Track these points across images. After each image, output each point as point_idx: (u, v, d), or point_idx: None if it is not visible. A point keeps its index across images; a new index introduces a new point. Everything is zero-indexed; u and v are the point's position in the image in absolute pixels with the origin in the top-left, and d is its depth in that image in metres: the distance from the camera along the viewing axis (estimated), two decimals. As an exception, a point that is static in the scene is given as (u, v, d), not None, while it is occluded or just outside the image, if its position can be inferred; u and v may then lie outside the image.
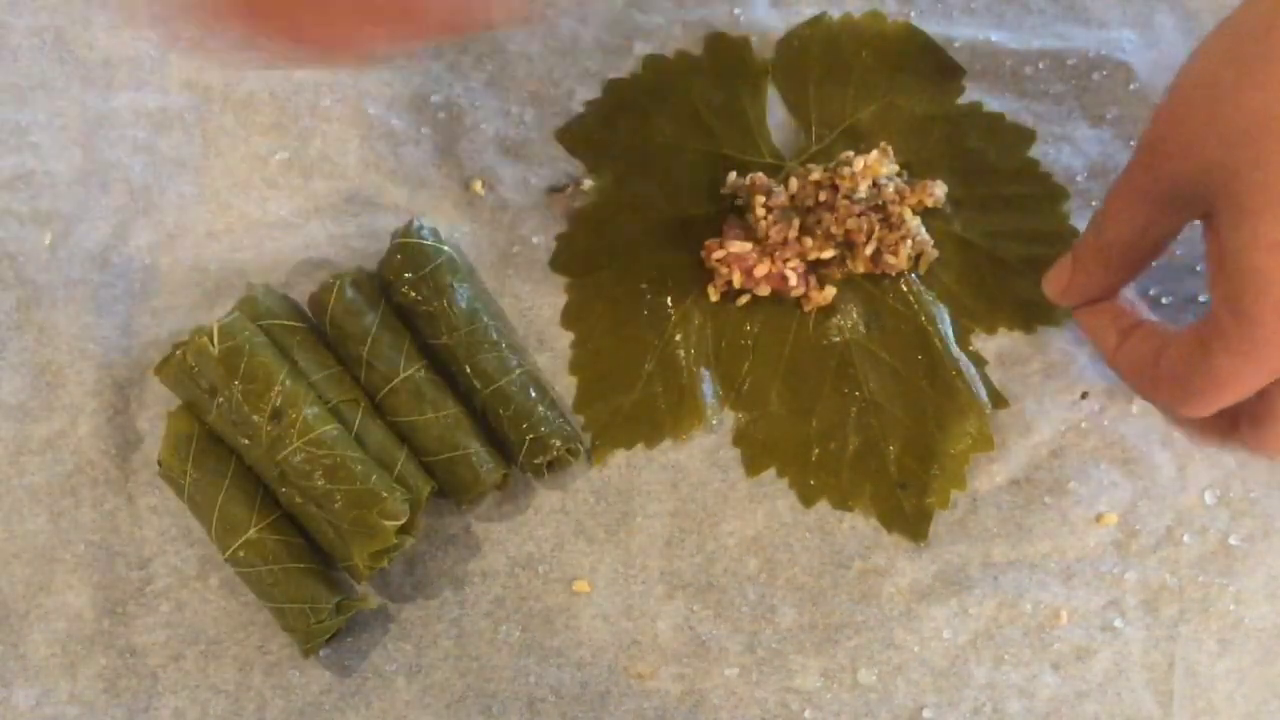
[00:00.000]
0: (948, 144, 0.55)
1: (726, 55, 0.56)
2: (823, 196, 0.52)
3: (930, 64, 0.55)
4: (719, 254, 0.52)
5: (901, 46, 0.55)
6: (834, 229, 0.52)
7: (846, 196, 0.52)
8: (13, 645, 0.51)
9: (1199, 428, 0.47)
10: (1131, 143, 0.56)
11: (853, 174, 0.52)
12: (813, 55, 0.55)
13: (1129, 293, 0.48)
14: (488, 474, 0.51)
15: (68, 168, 0.55)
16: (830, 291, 0.53)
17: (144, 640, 0.51)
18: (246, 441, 0.50)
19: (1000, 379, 0.53)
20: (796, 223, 0.52)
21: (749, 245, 0.52)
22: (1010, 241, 0.54)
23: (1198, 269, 0.53)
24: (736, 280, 0.52)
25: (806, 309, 0.53)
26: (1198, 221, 0.43)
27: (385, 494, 0.48)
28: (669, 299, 0.54)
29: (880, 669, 0.51)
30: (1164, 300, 0.53)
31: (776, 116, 0.55)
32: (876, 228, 0.52)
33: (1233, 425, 0.45)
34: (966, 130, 0.55)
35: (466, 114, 0.56)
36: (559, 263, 0.54)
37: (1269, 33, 0.38)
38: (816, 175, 0.53)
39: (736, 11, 0.56)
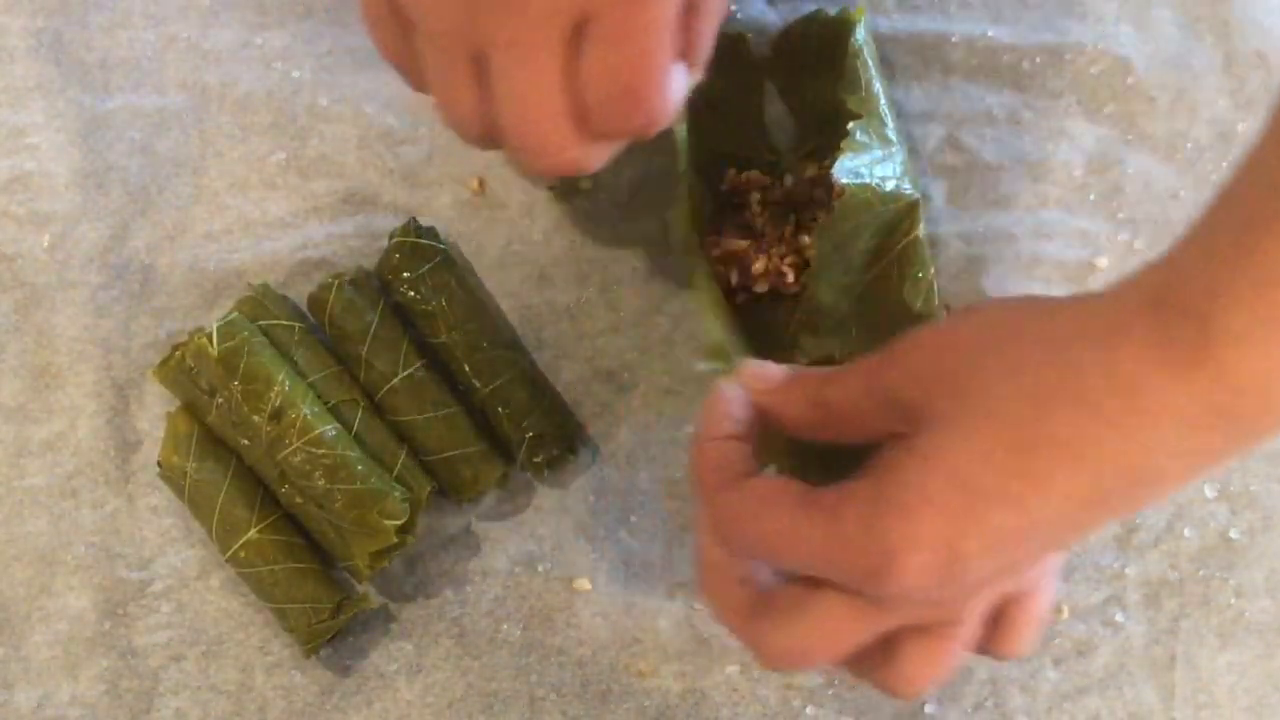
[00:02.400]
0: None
1: (723, 51, 0.56)
2: (818, 193, 0.52)
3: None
4: (716, 251, 0.52)
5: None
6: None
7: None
8: (14, 647, 0.51)
9: (725, 594, 0.43)
10: (1129, 138, 0.56)
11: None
12: (810, 51, 0.55)
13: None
14: (487, 473, 0.51)
15: (66, 169, 0.55)
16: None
17: (145, 641, 0.51)
18: (246, 442, 0.50)
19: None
20: (793, 218, 0.52)
21: (745, 242, 0.52)
22: (1009, 237, 0.54)
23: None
24: (734, 279, 0.52)
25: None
26: None
27: (385, 493, 0.48)
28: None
29: (881, 665, 0.51)
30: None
31: (772, 112, 0.55)
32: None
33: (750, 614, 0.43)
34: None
35: (464, 113, 0.56)
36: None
37: (1040, 320, 0.38)
38: (812, 171, 0.53)
39: (733, 8, 0.56)
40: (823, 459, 0.52)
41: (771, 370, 0.45)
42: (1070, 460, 0.35)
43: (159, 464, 0.51)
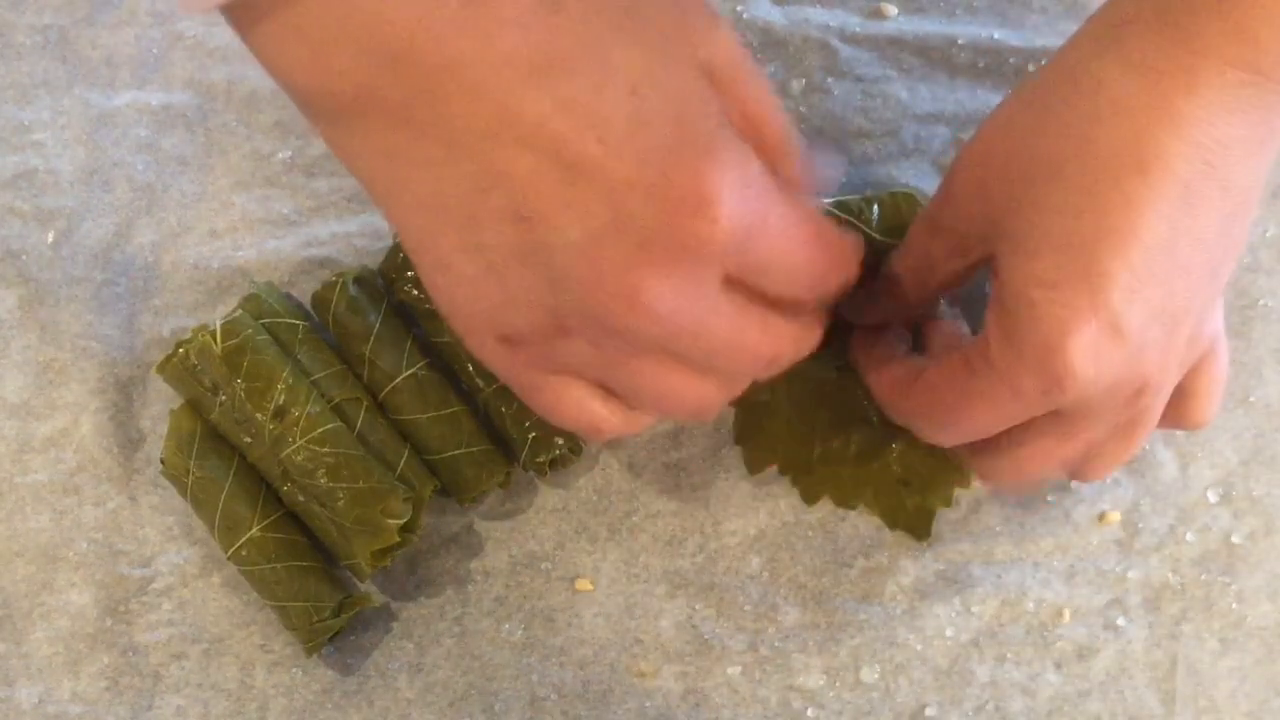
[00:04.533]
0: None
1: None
2: None
3: None
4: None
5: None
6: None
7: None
8: (15, 644, 0.51)
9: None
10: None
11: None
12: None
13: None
14: (490, 472, 0.51)
15: (71, 166, 0.55)
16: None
17: (146, 639, 0.51)
18: (249, 440, 0.50)
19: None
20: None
21: None
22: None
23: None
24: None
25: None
26: None
27: (388, 492, 0.48)
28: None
29: (883, 667, 0.51)
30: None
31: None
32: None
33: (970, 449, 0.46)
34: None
35: (469, 112, 0.56)
36: None
37: (1068, 83, 0.39)
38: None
39: (739, 9, 0.56)
40: (820, 462, 0.52)
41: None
42: (1160, 170, 0.36)
43: (161, 461, 0.51)
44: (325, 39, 0.36)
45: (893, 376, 0.46)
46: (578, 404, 0.42)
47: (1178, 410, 0.44)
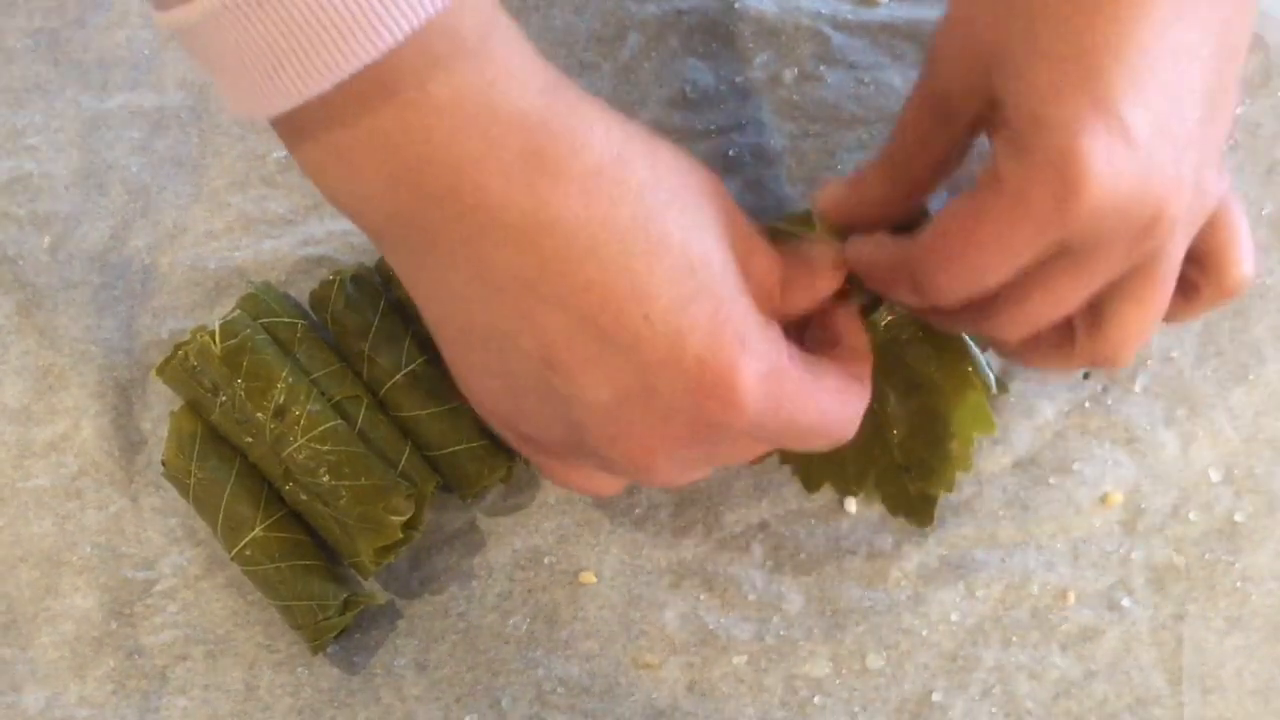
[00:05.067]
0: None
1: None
2: None
3: None
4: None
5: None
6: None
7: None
8: (21, 648, 0.51)
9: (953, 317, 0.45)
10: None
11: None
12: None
13: None
14: (492, 468, 0.51)
15: (65, 170, 0.55)
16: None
17: (151, 641, 0.51)
18: (250, 439, 0.50)
19: (1002, 361, 0.53)
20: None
21: None
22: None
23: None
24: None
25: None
26: None
27: (390, 489, 0.48)
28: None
29: (889, 654, 0.51)
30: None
31: (773, 103, 0.56)
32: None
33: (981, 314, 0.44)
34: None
35: (463, 108, 0.56)
36: None
37: None
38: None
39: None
40: (822, 450, 0.52)
41: (832, 184, 0.46)
42: None
43: (163, 463, 0.51)
44: (364, 167, 0.37)
45: (890, 245, 0.44)
46: (586, 478, 0.45)
47: (1208, 275, 0.42)
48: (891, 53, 0.56)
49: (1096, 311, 0.41)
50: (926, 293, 0.42)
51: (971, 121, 0.42)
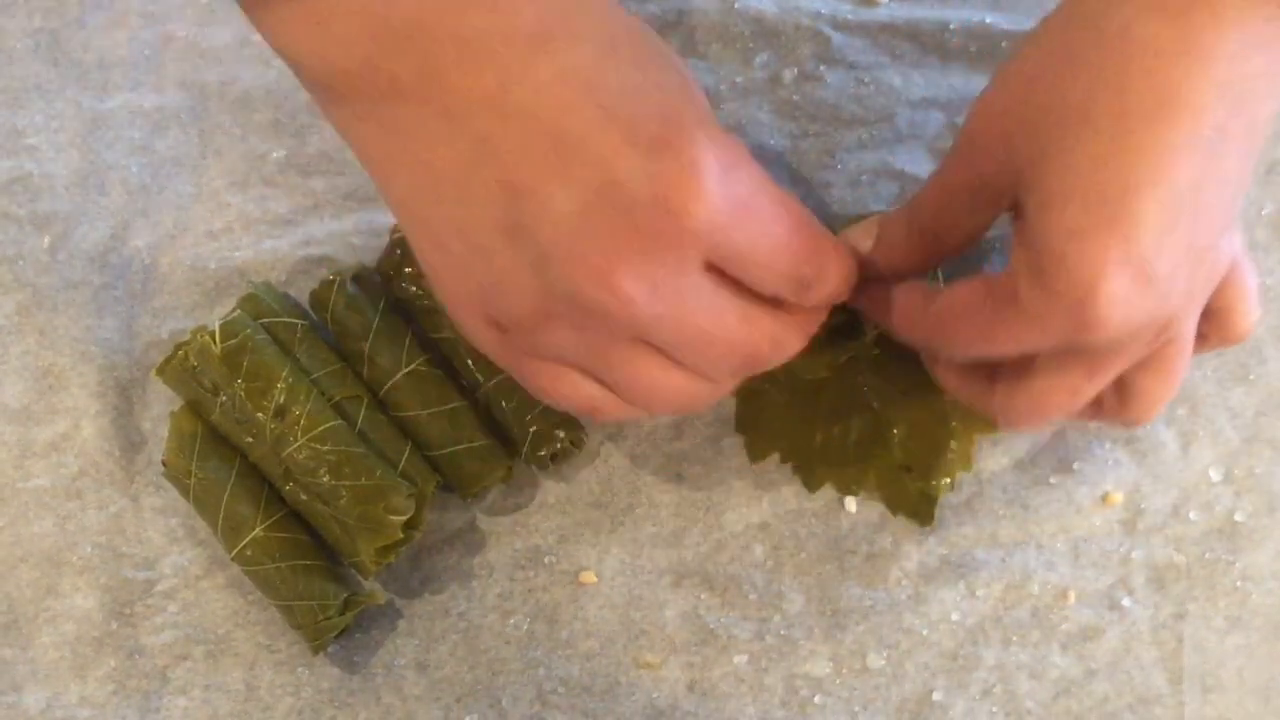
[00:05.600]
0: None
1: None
2: None
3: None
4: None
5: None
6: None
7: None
8: (22, 648, 0.51)
9: (958, 378, 0.46)
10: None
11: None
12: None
13: None
14: (492, 467, 0.51)
15: (65, 170, 0.55)
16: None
17: (152, 641, 0.51)
18: (250, 439, 0.50)
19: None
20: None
21: None
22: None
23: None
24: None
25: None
26: None
27: (391, 489, 0.48)
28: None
29: (889, 653, 0.51)
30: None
31: (773, 103, 0.56)
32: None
33: (988, 383, 0.45)
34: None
35: (463, 108, 0.56)
36: None
37: (1092, 30, 0.39)
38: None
39: (731, -1, 0.56)
40: (822, 449, 0.52)
41: (859, 231, 0.47)
42: (1192, 115, 0.37)
43: (163, 464, 0.51)
44: (333, 17, 0.37)
45: (908, 298, 0.45)
46: (573, 386, 0.42)
47: (1216, 328, 0.44)
48: (891, 53, 0.56)
49: (1121, 386, 0.43)
50: (933, 356, 0.44)
51: (996, 214, 0.43)
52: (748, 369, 0.42)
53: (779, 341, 0.41)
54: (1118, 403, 0.44)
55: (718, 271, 0.39)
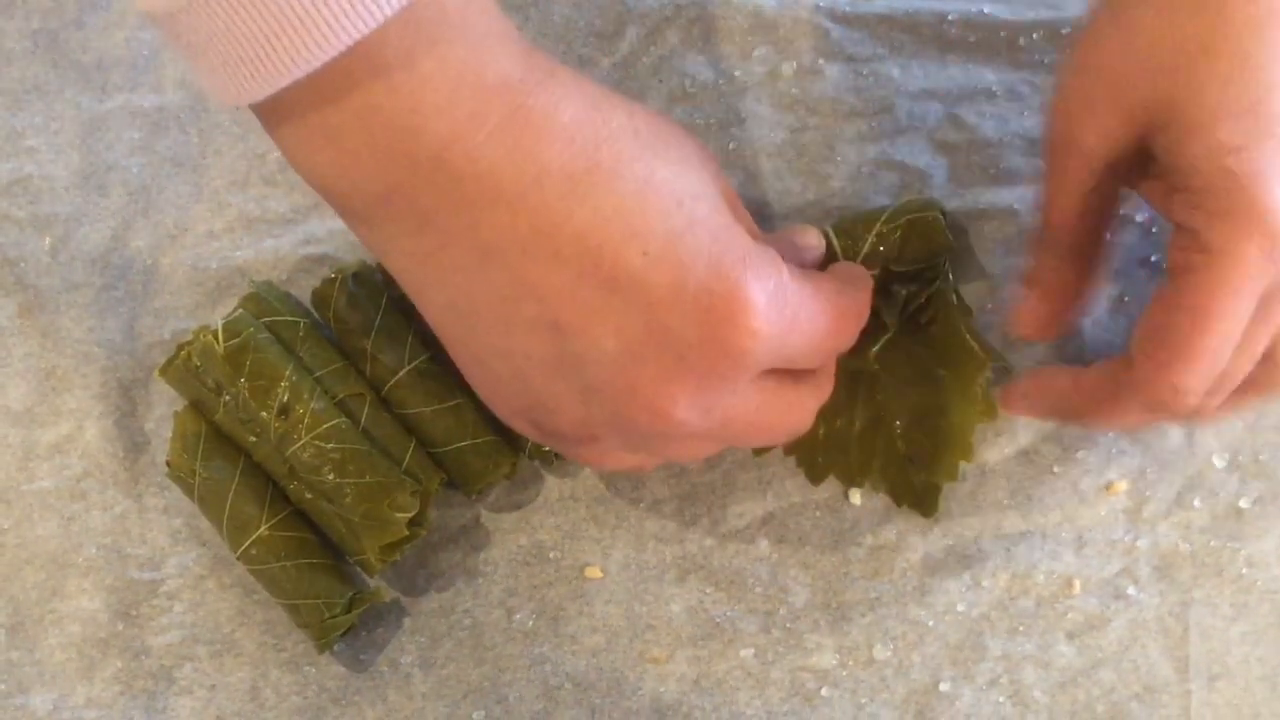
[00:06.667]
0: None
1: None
2: None
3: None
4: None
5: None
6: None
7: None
8: (29, 650, 0.51)
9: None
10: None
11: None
12: None
13: None
14: (496, 464, 0.51)
15: (65, 171, 0.55)
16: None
17: (158, 641, 0.51)
18: (254, 438, 0.50)
19: (1003, 348, 0.53)
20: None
21: None
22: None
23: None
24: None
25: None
26: None
27: (395, 486, 0.48)
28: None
29: (895, 644, 0.51)
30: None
31: (772, 96, 0.55)
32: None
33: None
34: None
35: (462, 105, 0.56)
36: None
37: None
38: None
39: (729, -7, 0.56)
40: (825, 442, 0.52)
41: (1023, 305, 0.48)
42: None
43: (167, 464, 0.51)
44: (353, 145, 0.37)
45: (1097, 373, 0.46)
46: (618, 460, 0.45)
47: None
48: (890, 45, 0.56)
49: (1267, 359, 0.43)
50: (1169, 403, 0.42)
51: (1123, 178, 0.43)
52: (790, 439, 0.45)
53: (818, 401, 0.44)
54: (1267, 370, 0.43)
55: (765, 371, 0.40)
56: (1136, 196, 0.46)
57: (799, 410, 0.43)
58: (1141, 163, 0.43)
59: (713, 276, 0.37)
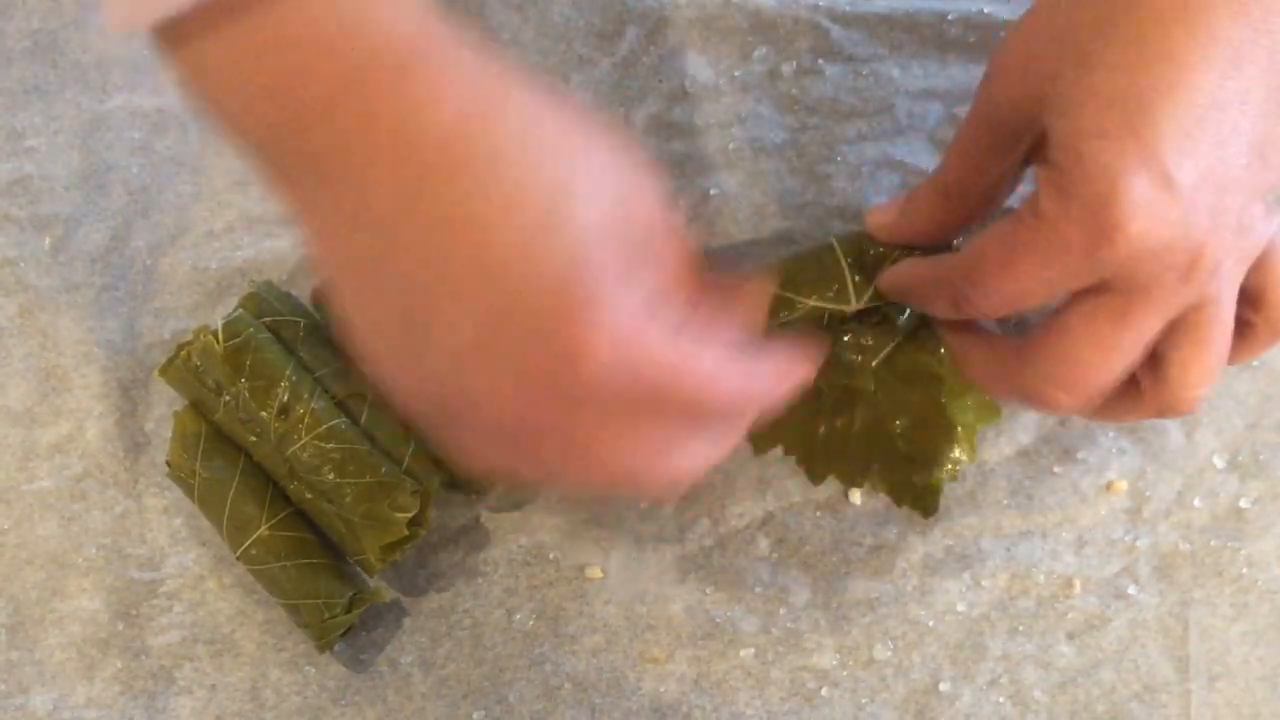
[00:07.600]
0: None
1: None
2: None
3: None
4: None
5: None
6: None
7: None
8: (29, 650, 0.51)
9: (984, 361, 0.46)
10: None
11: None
12: None
13: None
14: (496, 463, 0.51)
15: (65, 171, 0.55)
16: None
17: (158, 641, 0.51)
18: (255, 438, 0.50)
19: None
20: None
21: None
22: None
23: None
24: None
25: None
26: None
27: (395, 486, 0.48)
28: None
29: (895, 644, 0.51)
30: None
31: (772, 96, 0.55)
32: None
33: (1017, 363, 0.44)
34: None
35: (462, 105, 0.56)
36: None
37: None
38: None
39: (728, -7, 0.56)
40: (825, 442, 0.52)
41: (884, 205, 0.48)
42: (1207, 28, 0.37)
43: (167, 464, 0.51)
44: (245, 76, 0.35)
45: (926, 265, 0.46)
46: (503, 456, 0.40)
47: (1262, 314, 0.43)
48: (890, 45, 0.56)
49: (1156, 359, 0.42)
50: (963, 309, 0.43)
51: (1025, 152, 0.43)
52: (673, 488, 0.43)
53: (702, 460, 0.40)
54: (1154, 383, 0.42)
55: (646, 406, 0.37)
56: None
57: (681, 456, 0.39)
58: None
59: (570, 277, 0.35)
